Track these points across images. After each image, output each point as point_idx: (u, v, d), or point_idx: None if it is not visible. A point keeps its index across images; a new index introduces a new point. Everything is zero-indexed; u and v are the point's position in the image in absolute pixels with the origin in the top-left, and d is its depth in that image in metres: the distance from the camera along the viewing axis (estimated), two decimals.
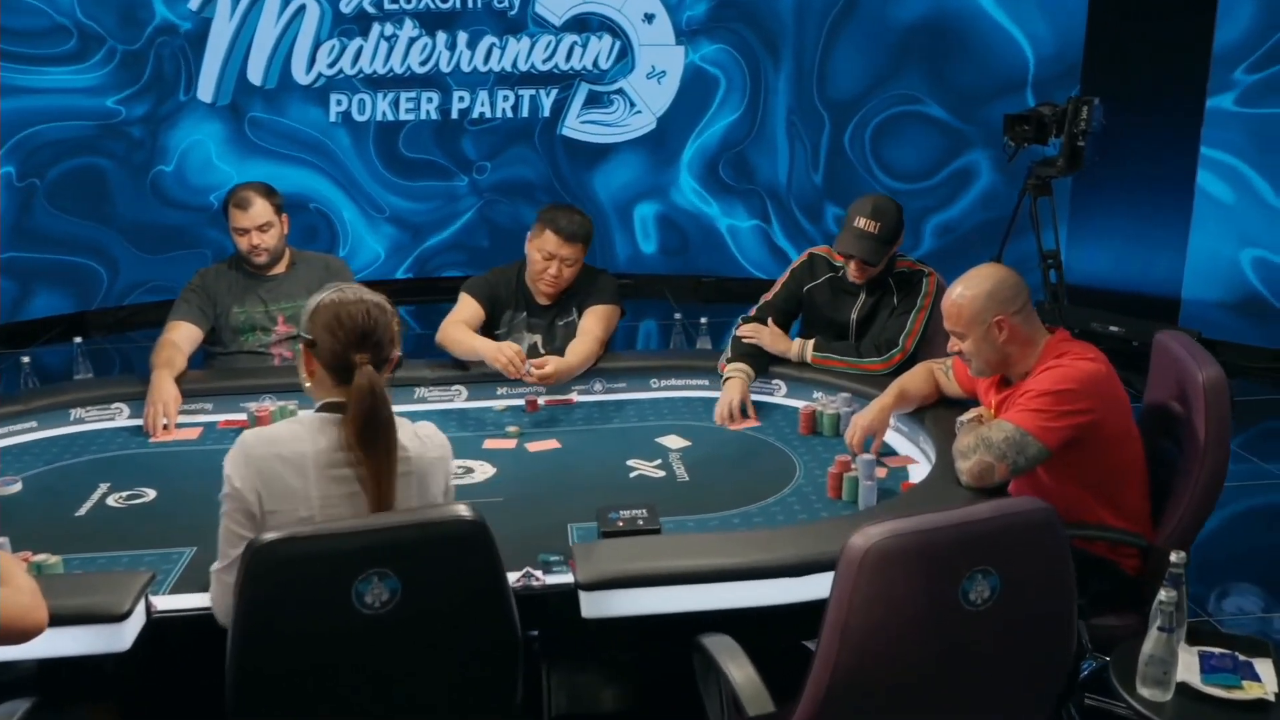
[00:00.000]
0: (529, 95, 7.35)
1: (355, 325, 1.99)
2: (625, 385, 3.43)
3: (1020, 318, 2.55)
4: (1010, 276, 2.60)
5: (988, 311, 2.54)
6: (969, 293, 2.57)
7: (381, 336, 2.02)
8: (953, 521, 1.69)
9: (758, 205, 7.46)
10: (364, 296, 2.05)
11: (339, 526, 1.85)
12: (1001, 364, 2.62)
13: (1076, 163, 4.89)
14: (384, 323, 2.03)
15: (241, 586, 1.78)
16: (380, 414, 1.96)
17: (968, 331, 2.57)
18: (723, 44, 7.25)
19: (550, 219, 3.43)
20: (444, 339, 3.40)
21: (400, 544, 1.82)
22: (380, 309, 2.04)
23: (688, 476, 2.80)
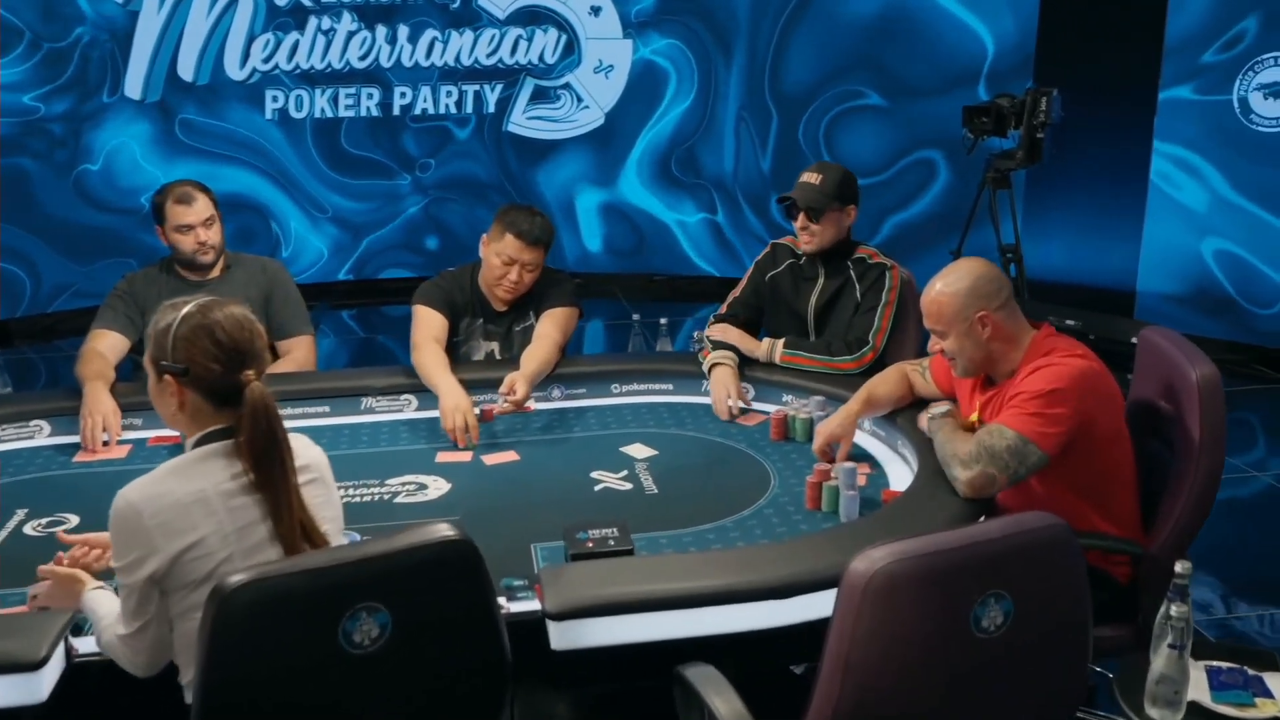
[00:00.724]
0: (473, 91, 7.14)
1: (234, 341, 1.80)
2: (585, 391, 3.26)
3: (1004, 313, 2.43)
4: (990, 270, 2.48)
5: (970, 308, 2.42)
6: (949, 289, 2.45)
7: (260, 346, 1.84)
8: (962, 542, 1.54)
9: (708, 201, 7.32)
10: (228, 308, 1.84)
11: (317, 560, 1.66)
12: (987, 362, 2.49)
13: (1036, 155, 4.81)
14: (259, 329, 1.86)
15: (209, 638, 1.57)
16: (278, 432, 1.79)
17: (949, 329, 2.44)
18: (672, 37, 7.10)
19: (510, 222, 3.24)
20: (415, 362, 3.15)
21: (389, 574, 1.64)
22: (247, 316, 1.85)
23: (656, 489, 2.64)
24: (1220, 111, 5.64)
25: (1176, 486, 2.33)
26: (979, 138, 4.98)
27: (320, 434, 2.99)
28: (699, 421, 3.06)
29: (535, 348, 3.21)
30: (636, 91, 7.17)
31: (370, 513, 2.51)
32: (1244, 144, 5.60)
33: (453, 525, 1.69)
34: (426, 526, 1.69)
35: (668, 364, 3.33)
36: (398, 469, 2.76)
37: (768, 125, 7.06)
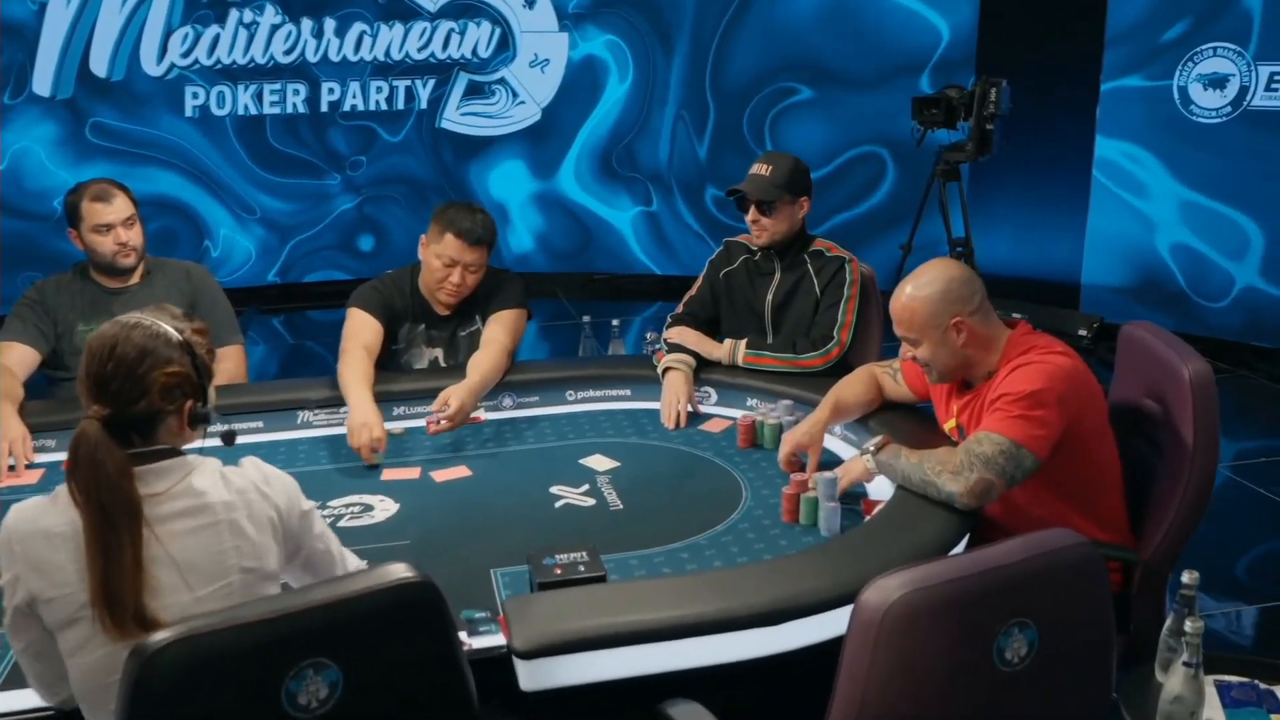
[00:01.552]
0: (404, 86, 6.90)
1: (91, 366, 1.57)
2: (538, 399, 3.07)
3: (978, 317, 2.31)
4: (963, 272, 2.35)
5: (943, 314, 2.29)
6: (920, 294, 2.31)
7: (122, 386, 1.55)
8: (983, 566, 1.40)
9: (647, 197, 7.17)
10: (131, 334, 1.58)
11: (254, 612, 1.42)
12: (962, 368, 2.37)
13: (986, 147, 4.74)
14: (135, 369, 1.56)
15: (128, 706, 1.35)
16: (97, 477, 1.50)
17: (922, 336, 2.31)
18: (610, 30, 6.93)
19: (449, 221, 3.03)
20: (339, 370, 2.94)
21: (338, 625, 1.43)
22: (141, 351, 1.57)
23: (622, 504, 2.47)
24: (1162, 102, 5.63)
25: (1168, 489, 2.22)
26: (928, 129, 4.88)
27: (254, 453, 2.77)
28: (660, 429, 2.90)
29: (482, 354, 3.02)
30: (574, 86, 7.00)
31: None
32: (1186, 134, 5.59)
33: (409, 566, 1.48)
34: (380, 569, 1.48)
35: (624, 368, 3.16)
36: (341, 489, 2.56)
37: (710, 119, 6.93)
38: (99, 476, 1.50)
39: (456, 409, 2.76)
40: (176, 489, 1.57)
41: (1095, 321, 5.86)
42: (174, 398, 1.59)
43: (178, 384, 1.58)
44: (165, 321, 1.62)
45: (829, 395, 2.66)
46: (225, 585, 1.57)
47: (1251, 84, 5.34)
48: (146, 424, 1.58)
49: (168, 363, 1.58)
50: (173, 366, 1.58)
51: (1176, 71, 5.57)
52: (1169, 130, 5.66)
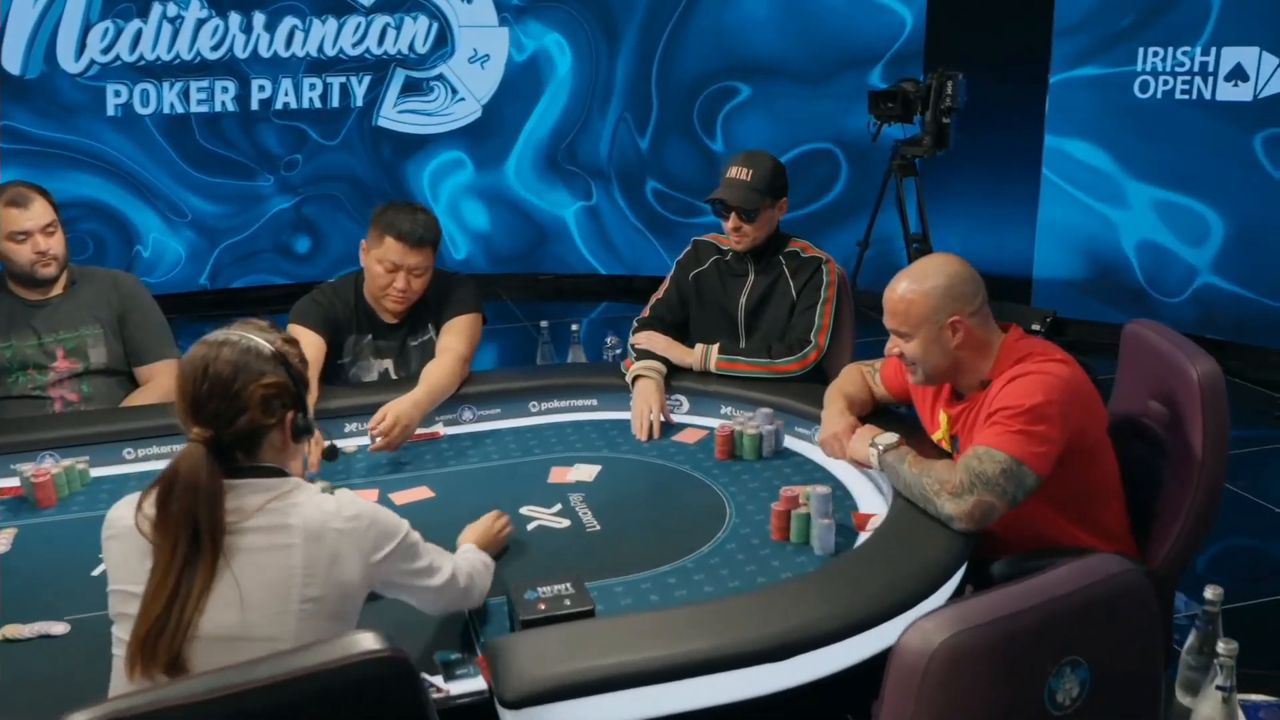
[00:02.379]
0: (339, 83, 6.66)
1: (185, 389, 1.54)
2: (499, 411, 2.90)
3: (977, 319, 2.19)
4: (967, 270, 2.22)
5: (942, 310, 2.16)
6: (920, 288, 2.19)
7: (220, 404, 1.52)
8: (1032, 601, 1.27)
9: (592, 196, 7.00)
10: (222, 351, 1.56)
11: (184, 693, 1.20)
12: (951, 371, 2.24)
13: (943, 141, 4.66)
14: (230, 385, 1.53)
15: None
16: (176, 509, 1.47)
17: (915, 332, 2.18)
18: (552, 24, 6.75)
19: (388, 223, 2.85)
20: None
21: (289, 707, 1.23)
22: (235, 366, 1.54)
23: (598, 524, 2.30)
24: (1112, 93, 5.60)
25: (1176, 495, 2.12)
26: (885, 123, 4.79)
27: None
28: (632, 441, 2.74)
29: (434, 364, 2.85)
30: (515, 82, 6.81)
31: None
32: (1136, 125, 5.57)
33: (378, 636, 1.27)
34: (340, 641, 1.28)
35: (589, 376, 3.00)
36: None
37: (653, 114, 6.79)
38: (196, 502, 1.46)
39: (391, 424, 2.58)
40: (269, 505, 1.53)
41: (1049, 315, 5.81)
42: (273, 410, 1.56)
43: (276, 396, 1.56)
44: (253, 335, 1.59)
45: (834, 392, 2.52)
46: (281, 612, 1.49)
47: (1203, 73, 5.33)
48: (249, 441, 1.55)
49: (263, 375, 1.55)
50: (269, 379, 1.55)
51: (1127, 61, 5.54)
52: (1119, 122, 5.63)
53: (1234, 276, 5.41)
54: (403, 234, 2.82)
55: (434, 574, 1.72)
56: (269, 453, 1.58)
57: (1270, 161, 5.20)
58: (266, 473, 1.56)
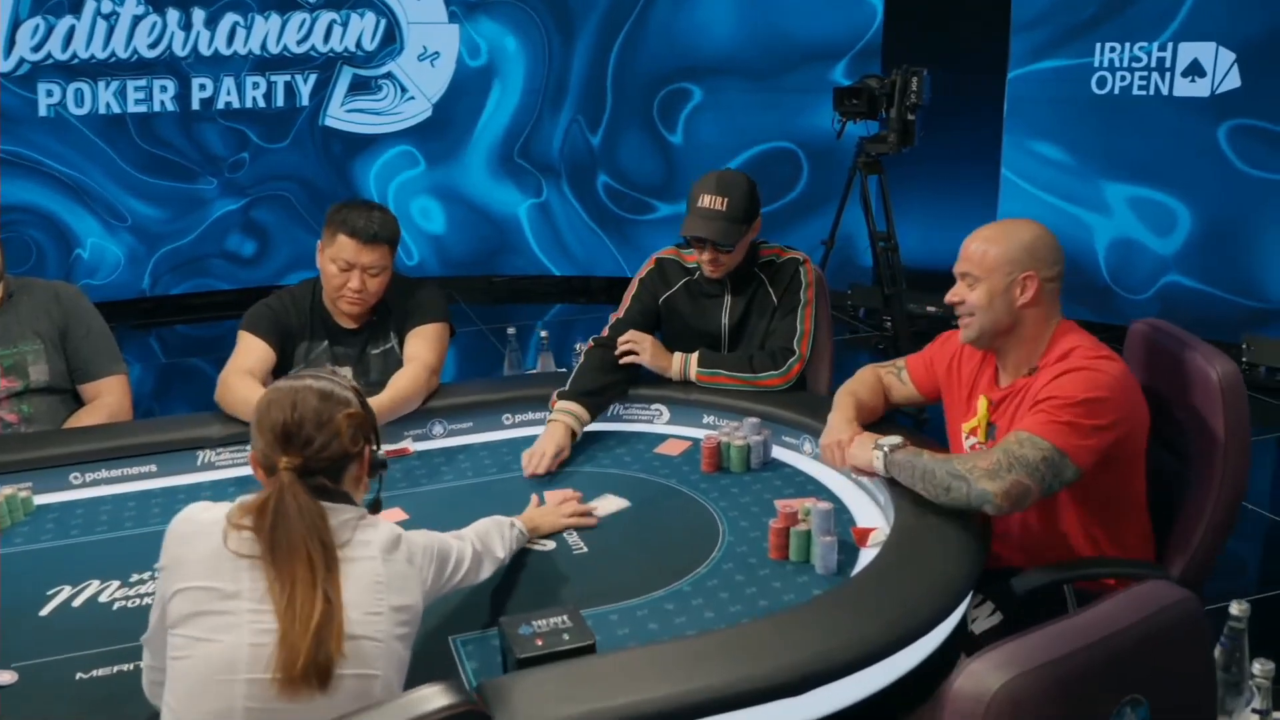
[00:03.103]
0: (283, 81, 6.46)
1: (274, 418, 1.59)
2: (471, 425, 2.76)
3: (1049, 288, 2.12)
4: (1052, 238, 2.16)
5: (1020, 263, 2.09)
6: (1006, 236, 2.13)
7: (312, 432, 1.58)
8: (1090, 638, 1.17)
9: (547, 196, 6.87)
10: (305, 382, 1.63)
11: None
12: (1005, 335, 2.15)
13: (909, 138, 4.59)
14: (321, 414, 1.59)
15: None
16: (290, 531, 1.52)
17: (987, 277, 2.10)
18: (504, 20, 6.61)
19: (341, 220, 2.73)
20: (224, 399, 2.60)
21: None
22: (321, 396, 1.61)
23: (585, 546, 2.18)
24: (1070, 89, 5.59)
25: (1197, 501, 2.05)
26: (849, 120, 4.71)
27: (149, 501, 2.41)
28: (613, 454, 2.62)
29: (403, 374, 2.72)
30: (466, 80, 6.66)
31: None
32: (1095, 121, 5.56)
33: (450, 687, 1.26)
34: (411, 697, 1.20)
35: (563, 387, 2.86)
36: None
37: (607, 111, 6.68)
38: (308, 526, 1.52)
39: None
40: (355, 538, 1.59)
41: None
42: (358, 441, 1.63)
43: (359, 426, 1.63)
44: (324, 375, 1.67)
45: (844, 395, 2.40)
46: (374, 613, 1.55)
47: (1160, 69, 5.34)
48: (336, 468, 1.61)
49: (348, 404, 1.62)
50: (353, 409, 1.63)
51: (1085, 56, 5.54)
52: (1078, 117, 5.62)
53: (1198, 272, 5.42)
54: (356, 231, 2.70)
55: (460, 567, 1.82)
56: (348, 482, 1.64)
57: (1234, 154, 5.21)
58: (347, 498, 1.63)
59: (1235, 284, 5.32)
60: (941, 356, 2.41)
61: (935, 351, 2.43)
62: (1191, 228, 5.41)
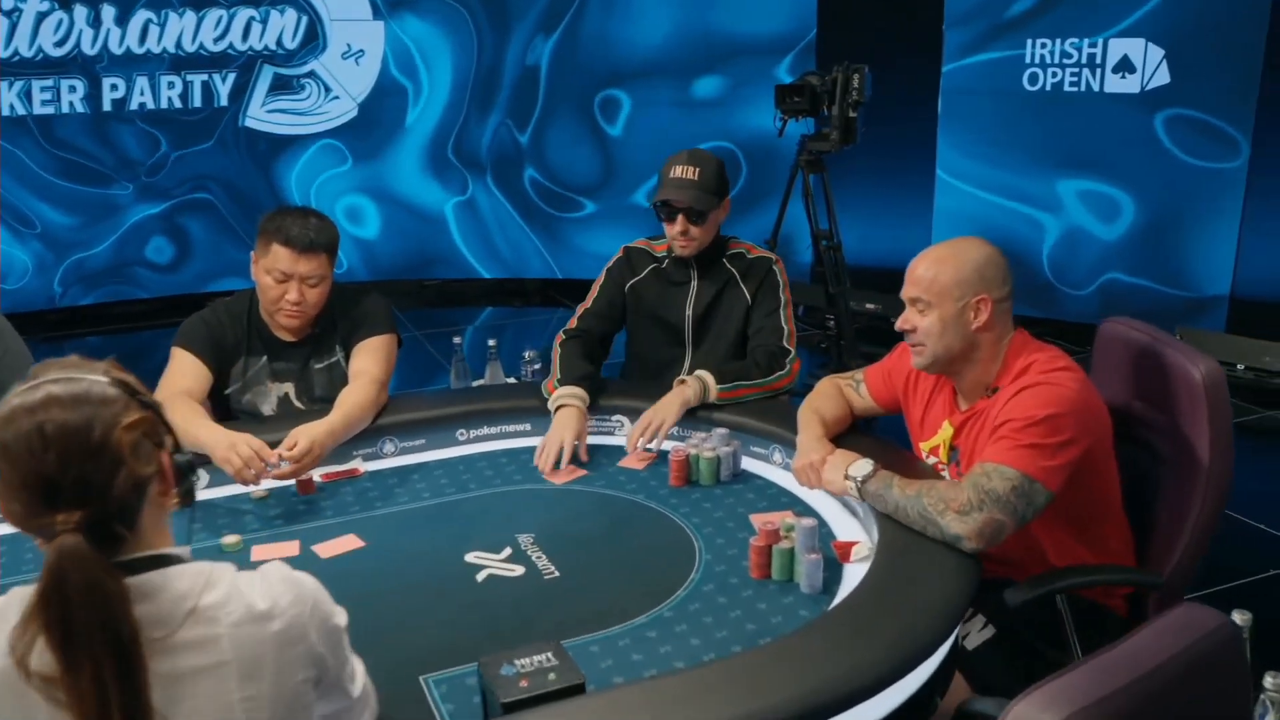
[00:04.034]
0: (200, 81, 6.21)
1: (26, 470, 1.11)
2: (424, 442, 2.63)
3: (1001, 309, 2.06)
4: (1000, 257, 2.09)
5: (972, 285, 2.02)
6: (955, 257, 2.06)
7: (83, 469, 1.11)
8: (1141, 671, 1.10)
9: (476, 196, 6.73)
10: (45, 391, 1.14)
11: None
12: (959, 360, 2.09)
13: (851, 136, 4.55)
14: (86, 438, 1.13)
15: None
16: (75, 633, 1.07)
17: (938, 303, 2.03)
18: (432, 16, 6.43)
19: (275, 229, 2.58)
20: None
21: None
22: (76, 407, 1.14)
23: (556, 570, 2.07)
24: (1003, 83, 5.61)
25: (1180, 503, 2.01)
26: (791, 118, 4.65)
27: None
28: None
29: (351, 390, 2.58)
30: (392, 79, 6.47)
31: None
32: (1028, 115, 5.59)
33: None
34: None
35: (520, 398, 2.75)
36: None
37: (542, 112, 6.55)
38: (102, 613, 1.07)
39: (305, 449, 2.31)
40: (181, 610, 1.15)
41: None
42: (149, 455, 1.18)
43: (145, 434, 1.18)
44: (73, 373, 1.18)
45: (808, 415, 2.33)
46: None
47: (1091, 65, 5.38)
48: (130, 507, 1.15)
49: (120, 414, 1.16)
50: (129, 416, 1.17)
51: (1017, 54, 5.56)
52: (1014, 111, 5.64)
53: (1137, 266, 5.47)
54: (291, 239, 2.56)
55: (353, 679, 1.36)
56: (149, 515, 1.20)
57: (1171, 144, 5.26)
58: (162, 562, 1.18)
59: (1171, 276, 5.38)
60: (899, 370, 2.34)
61: (893, 364, 2.37)
62: (1132, 221, 5.47)
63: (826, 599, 1.92)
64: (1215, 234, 5.21)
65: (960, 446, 2.12)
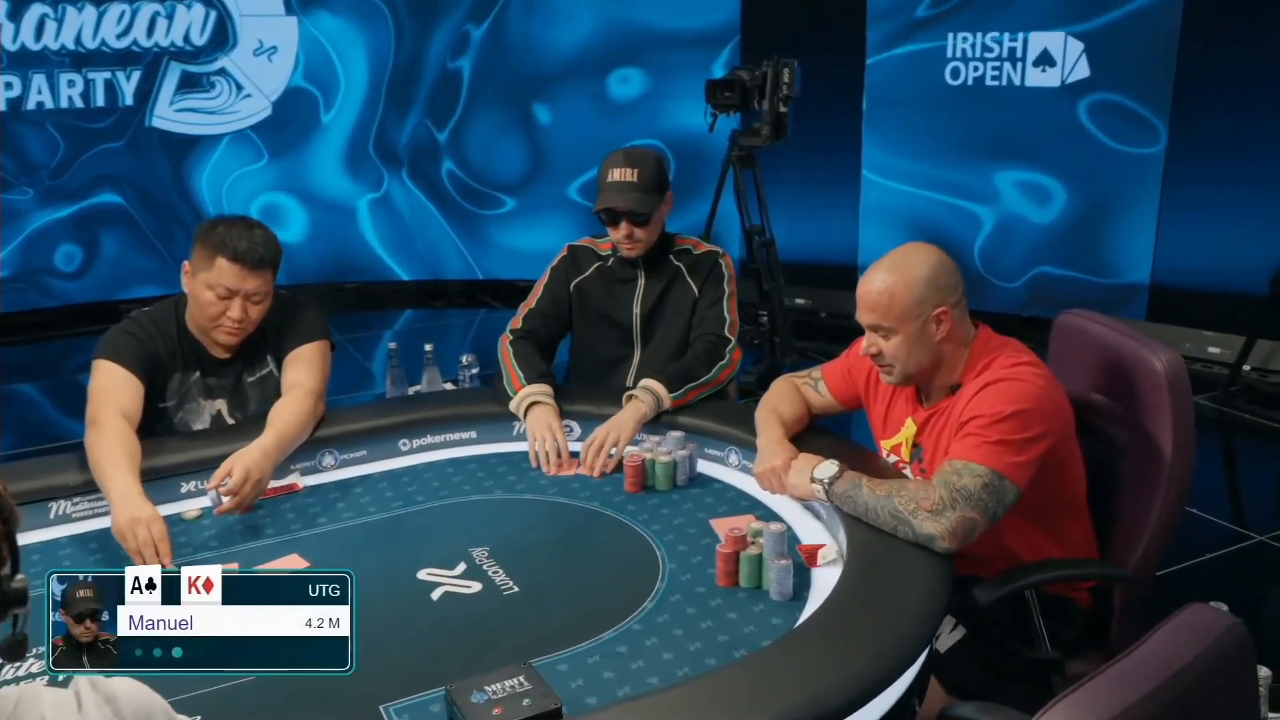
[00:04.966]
0: (103, 79, 5.96)
1: None
2: (365, 453, 2.51)
3: (959, 311, 2.03)
4: (945, 259, 2.05)
5: (928, 302, 1.98)
6: (905, 278, 1.99)
7: None
8: (1161, 678, 1.07)
9: (395, 195, 6.57)
10: None
11: None
12: (932, 369, 2.06)
13: (781, 131, 4.52)
14: None
15: None
16: None
17: (899, 327, 1.99)
18: (346, 13, 6.26)
19: (220, 241, 2.41)
20: (87, 445, 2.26)
21: None
22: None
23: (515, 585, 1.98)
24: (927, 75, 5.65)
25: (1143, 496, 2.00)
26: (722, 113, 4.61)
27: None
28: (526, 479, 2.42)
29: (283, 403, 2.45)
30: (309, 75, 6.28)
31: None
32: (952, 108, 5.63)
33: None
34: None
35: (464, 405, 2.66)
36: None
37: (469, 107, 6.43)
38: None
39: (241, 479, 2.18)
40: None
41: None
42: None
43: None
44: None
45: (766, 415, 2.27)
46: None
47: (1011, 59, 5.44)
48: None
49: None
50: None
51: (939, 48, 5.60)
52: (937, 103, 5.67)
53: (1064, 255, 5.53)
54: (239, 254, 2.40)
55: None
56: None
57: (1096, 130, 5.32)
58: None
59: (1097, 265, 5.45)
60: (860, 366, 2.30)
61: (853, 360, 2.33)
62: (1062, 209, 5.49)
63: (798, 605, 1.87)
64: (1137, 221, 5.31)
65: (923, 444, 2.09)
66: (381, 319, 6.37)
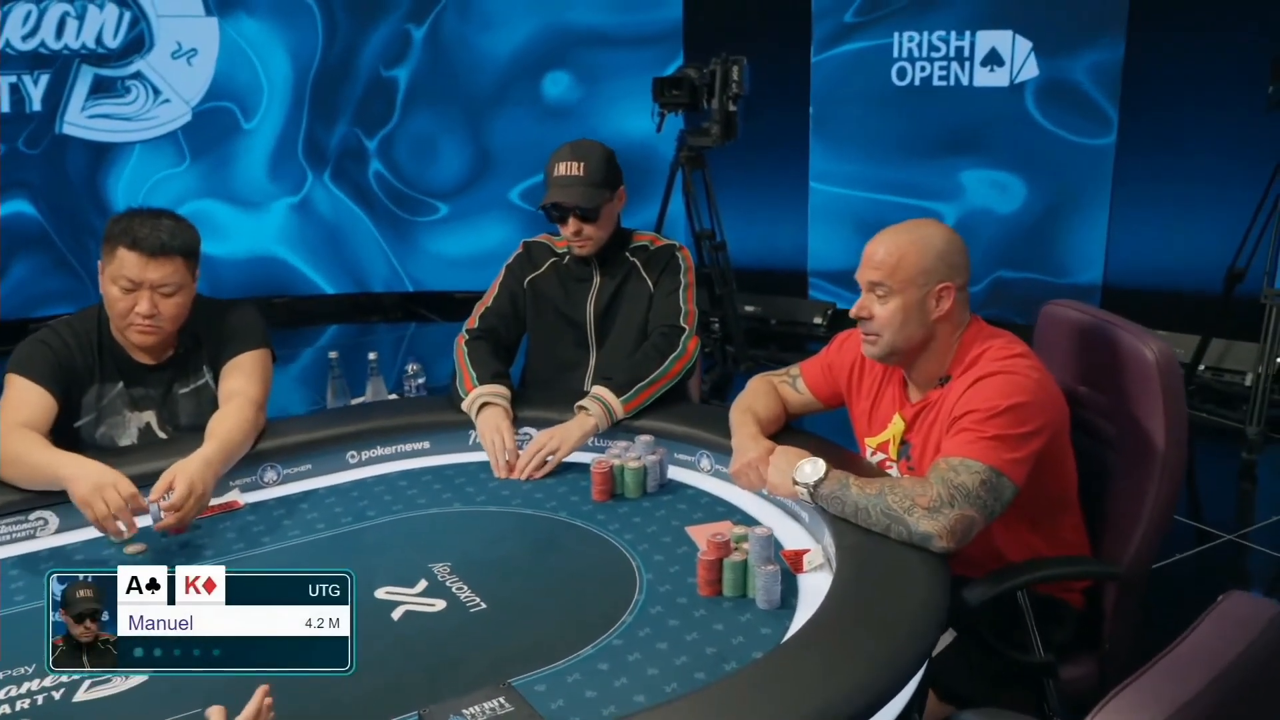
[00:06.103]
0: (8, 83, 5.67)
1: None
2: (310, 467, 2.36)
3: (961, 298, 1.95)
4: (962, 241, 1.99)
5: (937, 272, 1.91)
6: (921, 241, 1.93)
7: None
8: (1208, 677, 0.99)
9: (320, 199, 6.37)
10: None
11: None
12: (915, 351, 1.98)
13: (731, 131, 4.44)
14: None
15: None
16: None
17: (902, 289, 1.91)
18: (269, 13, 6.05)
19: (121, 232, 2.27)
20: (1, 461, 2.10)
21: None
22: None
23: (482, 602, 1.84)
24: (873, 75, 5.62)
25: (1135, 491, 1.94)
26: (670, 112, 4.52)
27: None
28: (486, 489, 2.29)
29: (222, 414, 2.29)
30: (230, 79, 6.06)
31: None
32: (898, 106, 5.60)
33: None
34: None
35: (414, 414, 2.52)
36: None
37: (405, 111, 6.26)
38: None
39: (185, 493, 2.02)
40: None
41: (828, 308, 5.79)
42: None
43: None
44: None
45: (741, 415, 2.16)
46: None
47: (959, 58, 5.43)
48: None
49: None
50: None
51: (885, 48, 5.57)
52: (884, 103, 5.64)
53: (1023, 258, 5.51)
54: (138, 241, 2.24)
55: None
56: None
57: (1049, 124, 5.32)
58: None
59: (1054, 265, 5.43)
60: (841, 362, 2.22)
61: (834, 356, 2.24)
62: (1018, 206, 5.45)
63: (787, 614, 1.77)
64: (1090, 219, 5.31)
65: (912, 441, 2.01)
66: (306, 336, 6.16)
